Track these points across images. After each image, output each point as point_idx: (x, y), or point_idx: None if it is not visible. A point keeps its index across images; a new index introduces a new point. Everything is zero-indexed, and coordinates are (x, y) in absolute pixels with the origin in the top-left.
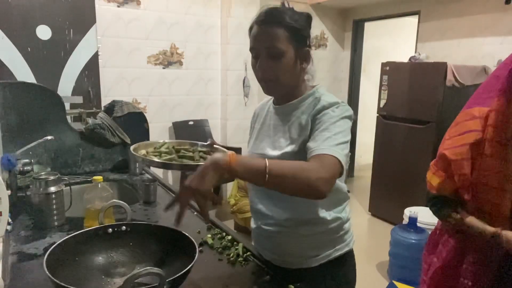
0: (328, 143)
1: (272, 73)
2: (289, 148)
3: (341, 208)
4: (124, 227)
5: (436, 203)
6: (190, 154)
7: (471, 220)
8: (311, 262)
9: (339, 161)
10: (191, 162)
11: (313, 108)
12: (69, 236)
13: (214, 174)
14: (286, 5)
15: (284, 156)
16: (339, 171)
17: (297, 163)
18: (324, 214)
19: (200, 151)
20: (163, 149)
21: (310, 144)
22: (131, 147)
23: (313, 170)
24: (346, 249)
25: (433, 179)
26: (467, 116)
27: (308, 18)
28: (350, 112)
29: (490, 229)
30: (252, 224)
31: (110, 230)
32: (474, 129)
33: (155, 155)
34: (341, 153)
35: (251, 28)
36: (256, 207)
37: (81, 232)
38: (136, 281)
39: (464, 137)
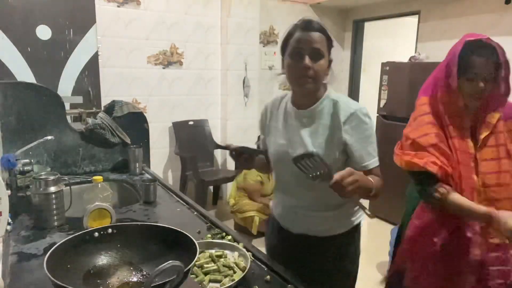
0: (372, 157)
1: (314, 71)
2: (320, 148)
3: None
4: (126, 228)
5: (422, 182)
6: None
7: (458, 197)
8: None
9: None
10: None
11: (334, 110)
12: (70, 237)
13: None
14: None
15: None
16: None
17: (378, 183)
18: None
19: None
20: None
21: (360, 158)
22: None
23: (380, 185)
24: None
25: (416, 158)
26: (421, 111)
27: None
28: (366, 109)
29: (482, 209)
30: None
31: (110, 230)
32: (430, 121)
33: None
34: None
35: (290, 34)
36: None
37: (83, 232)
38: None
39: (429, 127)
